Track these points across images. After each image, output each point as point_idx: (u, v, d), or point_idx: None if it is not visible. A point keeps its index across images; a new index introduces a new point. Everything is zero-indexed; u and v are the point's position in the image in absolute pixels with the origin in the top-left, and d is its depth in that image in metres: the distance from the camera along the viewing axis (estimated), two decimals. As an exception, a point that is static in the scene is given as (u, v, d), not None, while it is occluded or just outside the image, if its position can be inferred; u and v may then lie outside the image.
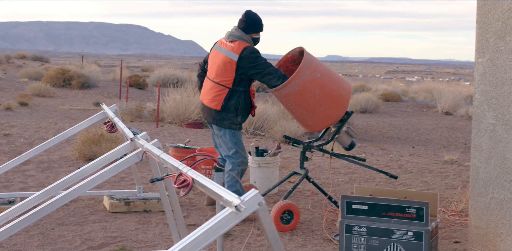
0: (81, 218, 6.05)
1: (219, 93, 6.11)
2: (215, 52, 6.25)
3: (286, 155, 10.40)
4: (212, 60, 6.28)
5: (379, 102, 22.18)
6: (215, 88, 6.15)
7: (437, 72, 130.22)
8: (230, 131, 6.18)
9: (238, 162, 6.17)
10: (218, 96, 6.12)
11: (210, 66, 6.30)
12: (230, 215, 2.32)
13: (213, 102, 6.15)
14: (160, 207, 6.37)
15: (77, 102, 19.99)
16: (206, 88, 6.29)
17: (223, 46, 6.18)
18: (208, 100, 6.19)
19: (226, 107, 6.10)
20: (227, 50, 6.11)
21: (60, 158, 9.18)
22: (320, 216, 6.35)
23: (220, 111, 6.12)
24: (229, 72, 6.06)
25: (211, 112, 6.18)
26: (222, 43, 6.24)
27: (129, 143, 4.26)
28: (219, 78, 6.11)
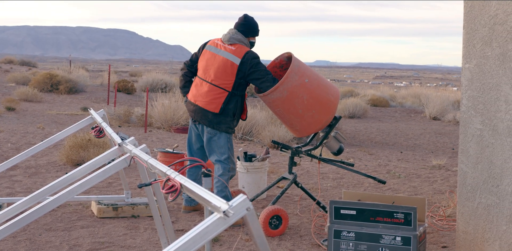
0: (68, 223, 6.02)
1: (218, 96, 6.08)
2: (211, 54, 6.18)
3: (275, 160, 10.41)
4: (207, 62, 6.19)
5: (367, 107, 22.25)
6: (213, 91, 6.09)
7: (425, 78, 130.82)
8: (226, 135, 6.17)
9: (229, 168, 6.16)
10: (217, 99, 6.08)
11: (205, 67, 6.20)
12: (218, 220, 2.31)
13: (211, 105, 6.09)
14: (148, 212, 6.35)
15: (64, 107, 19.91)
16: (201, 90, 6.18)
17: (221, 48, 6.13)
18: (205, 102, 6.12)
19: (225, 111, 6.09)
20: (227, 53, 6.07)
21: (47, 163, 9.14)
22: (308, 221, 6.35)
23: (218, 115, 6.08)
24: (230, 76, 6.04)
25: (207, 114, 6.11)
26: (218, 45, 6.18)
27: (117, 148, 4.25)
28: (218, 81, 6.07)
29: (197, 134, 6.39)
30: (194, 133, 6.42)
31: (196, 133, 6.40)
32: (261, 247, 2.37)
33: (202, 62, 6.24)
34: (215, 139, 6.17)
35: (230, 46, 6.11)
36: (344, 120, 19.51)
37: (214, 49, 6.19)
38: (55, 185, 4.21)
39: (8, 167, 6.28)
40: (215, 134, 6.16)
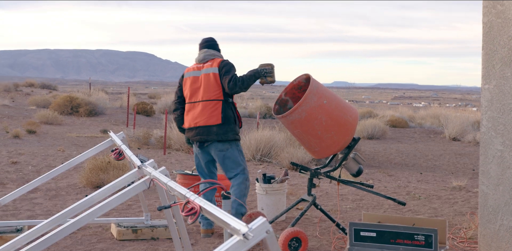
0: (88, 246, 6.03)
1: (215, 107, 6.26)
2: (193, 78, 6.46)
3: (294, 181, 10.39)
4: (191, 86, 6.45)
5: (386, 128, 22.18)
6: (208, 106, 6.28)
7: (444, 98, 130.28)
8: (236, 145, 6.32)
9: (246, 177, 6.33)
10: (215, 111, 6.25)
11: (191, 92, 6.44)
12: (238, 243, 2.31)
13: (212, 119, 6.25)
14: (168, 234, 6.35)
15: (84, 129, 20.06)
16: (196, 111, 6.37)
17: (199, 69, 6.43)
18: (205, 119, 6.27)
19: (226, 119, 6.27)
20: (206, 69, 6.37)
21: (67, 185, 9.19)
22: (328, 243, 6.31)
23: (222, 125, 6.23)
24: (216, 86, 6.27)
25: (211, 129, 6.25)
26: (195, 68, 6.50)
27: (136, 170, 4.27)
28: (208, 95, 6.30)
29: (204, 158, 6.51)
30: (202, 158, 6.53)
31: (203, 158, 6.51)
32: (281, 270, 2.36)
33: (187, 89, 6.50)
34: (228, 155, 6.28)
35: (207, 63, 6.41)
36: (363, 141, 19.45)
37: (193, 73, 6.49)
38: (75, 207, 4.23)
39: (29, 190, 6.34)
40: (227, 148, 6.27)
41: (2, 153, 12.60)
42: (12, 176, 9.77)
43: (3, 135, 16.78)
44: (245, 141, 13.93)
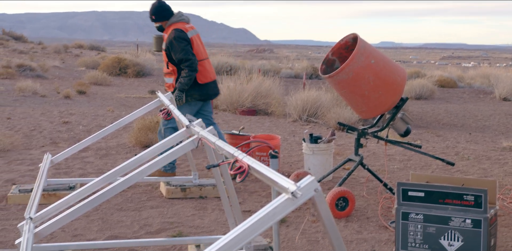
0: (138, 203, 6.16)
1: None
2: (198, 36, 7.26)
3: (340, 142, 10.36)
4: (201, 44, 7.26)
5: (434, 88, 21.83)
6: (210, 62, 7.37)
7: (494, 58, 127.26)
8: None
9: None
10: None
11: (203, 49, 7.28)
12: (286, 201, 2.33)
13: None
14: (216, 193, 6.43)
15: (132, 90, 20.27)
16: (211, 66, 7.35)
17: (193, 29, 7.20)
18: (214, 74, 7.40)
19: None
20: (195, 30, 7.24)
21: (117, 145, 9.35)
22: (375, 203, 6.32)
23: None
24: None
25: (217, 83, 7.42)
26: (191, 27, 7.18)
27: (184, 130, 4.31)
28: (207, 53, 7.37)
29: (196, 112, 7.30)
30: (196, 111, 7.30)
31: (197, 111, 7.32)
32: (329, 228, 2.37)
33: (200, 46, 7.21)
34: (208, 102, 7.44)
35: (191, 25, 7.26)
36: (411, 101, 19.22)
37: (194, 31, 7.18)
38: (125, 166, 4.31)
39: (80, 149, 6.48)
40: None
41: (53, 113, 12.86)
42: (64, 136, 9.98)
43: (54, 95, 17.09)
44: (291, 102, 13.91)
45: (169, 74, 7.19)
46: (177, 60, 6.98)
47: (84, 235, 5.17)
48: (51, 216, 4.05)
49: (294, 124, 13.03)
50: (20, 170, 7.49)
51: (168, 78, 7.22)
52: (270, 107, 14.67)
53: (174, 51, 6.96)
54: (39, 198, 4.50)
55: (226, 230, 5.22)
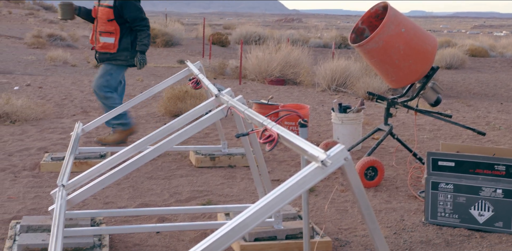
0: (168, 172, 6.22)
1: None
2: None
3: (370, 111, 10.31)
4: None
5: (465, 57, 21.52)
6: None
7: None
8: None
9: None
10: None
11: None
12: (316, 170, 2.33)
13: None
14: (245, 162, 6.46)
15: (161, 60, 20.31)
16: None
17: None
18: None
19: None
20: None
21: (147, 114, 9.41)
22: (404, 172, 6.30)
23: None
24: None
25: None
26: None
27: (214, 99, 4.32)
28: None
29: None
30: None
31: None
32: (359, 196, 2.37)
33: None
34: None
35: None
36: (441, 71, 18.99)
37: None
38: (155, 135, 4.35)
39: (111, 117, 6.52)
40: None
41: (84, 82, 12.96)
42: (94, 105, 10.06)
43: (85, 64, 17.20)
44: (320, 71, 13.83)
45: (109, 34, 6.97)
46: (131, 18, 6.88)
47: (115, 203, 5.25)
48: (82, 183, 4.11)
49: (323, 94, 12.98)
50: (52, 138, 7.59)
51: (108, 38, 6.96)
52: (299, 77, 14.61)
53: (128, 9, 6.85)
54: (71, 166, 4.56)
55: (255, 199, 5.26)
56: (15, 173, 6.08)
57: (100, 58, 7.10)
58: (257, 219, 2.29)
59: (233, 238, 2.26)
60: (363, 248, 4.33)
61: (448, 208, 4.75)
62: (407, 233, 4.62)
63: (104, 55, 7.04)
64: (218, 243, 2.23)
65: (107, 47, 6.97)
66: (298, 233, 4.26)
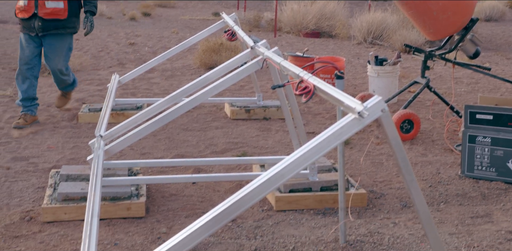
0: (204, 124, 6.26)
1: None
2: None
3: (406, 64, 10.17)
4: None
5: (505, 9, 20.95)
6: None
7: None
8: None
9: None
10: None
11: None
12: (352, 121, 2.32)
13: None
14: (280, 114, 6.46)
15: (196, 12, 20.19)
16: None
17: None
18: None
19: None
20: None
21: (182, 66, 9.43)
22: (441, 126, 6.25)
23: None
24: None
25: None
26: None
27: (249, 50, 4.29)
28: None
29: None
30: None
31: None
32: (396, 148, 2.36)
33: None
34: None
35: None
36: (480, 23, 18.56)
37: None
38: (190, 87, 4.36)
39: (146, 70, 6.56)
40: None
41: (120, 34, 12.99)
42: (130, 57, 10.10)
43: (120, 17, 17.19)
44: (356, 24, 13.63)
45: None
46: None
47: (151, 154, 5.32)
48: (119, 134, 4.16)
49: (359, 46, 12.82)
50: (89, 89, 7.67)
51: (56, 2, 5.90)
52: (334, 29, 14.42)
53: None
54: (108, 117, 4.61)
55: (290, 151, 5.28)
56: (54, 124, 6.18)
57: (45, 27, 5.89)
58: (293, 170, 2.30)
59: (268, 189, 2.28)
60: (398, 200, 4.34)
61: (485, 162, 4.72)
62: (443, 186, 4.61)
63: (50, 23, 5.91)
64: (253, 194, 2.25)
65: (56, 13, 5.90)
66: (333, 185, 4.29)
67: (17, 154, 5.29)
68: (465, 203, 4.30)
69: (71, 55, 6.41)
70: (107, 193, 4.04)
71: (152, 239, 3.70)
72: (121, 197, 4.07)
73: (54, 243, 3.65)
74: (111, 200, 4.03)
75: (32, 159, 5.16)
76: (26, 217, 4.00)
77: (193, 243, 2.20)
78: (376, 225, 3.88)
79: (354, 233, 3.75)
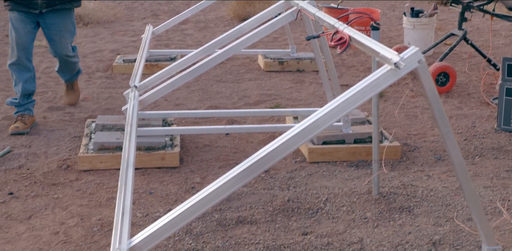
0: (237, 75, 6.25)
1: None
2: None
3: (443, 16, 9.96)
4: None
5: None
6: None
7: None
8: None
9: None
10: None
11: None
12: (388, 72, 2.29)
13: None
14: (313, 67, 6.41)
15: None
16: None
17: None
18: None
19: None
20: None
21: (215, 18, 9.36)
22: (477, 79, 6.15)
23: None
24: None
25: None
26: None
27: (283, 2, 4.24)
28: None
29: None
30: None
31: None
32: (432, 100, 2.34)
33: None
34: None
35: None
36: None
37: None
38: (224, 38, 4.33)
39: (180, 21, 6.52)
40: None
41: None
42: (164, 8, 10.06)
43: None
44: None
45: None
46: None
47: (185, 105, 5.35)
48: (154, 85, 4.18)
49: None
50: (123, 40, 7.68)
51: None
52: (370, -20, 14.14)
53: None
54: (142, 68, 4.62)
55: (324, 103, 5.25)
56: (89, 74, 6.23)
57: (50, 1, 4.78)
58: (326, 122, 2.29)
59: (301, 140, 2.28)
60: (432, 153, 4.32)
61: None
62: (478, 140, 4.57)
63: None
64: (287, 145, 2.26)
65: None
66: (367, 138, 4.28)
67: (53, 103, 5.37)
68: (501, 156, 4.27)
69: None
70: (142, 143, 4.09)
71: (186, 188, 3.75)
72: (156, 147, 4.12)
73: (91, 191, 3.73)
74: (145, 150, 4.09)
75: (68, 109, 5.23)
76: (63, 165, 4.08)
77: (226, 193, 2.23)
78: (409, 178, 3.88)
79: (387, 185, 3.75)
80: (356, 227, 3.26)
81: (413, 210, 3.44)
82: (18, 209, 3.51)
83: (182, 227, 2.29)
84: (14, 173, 3.98)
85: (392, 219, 3.35)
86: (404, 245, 3.06)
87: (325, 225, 3.28)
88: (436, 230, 3.20)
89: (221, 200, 2.22)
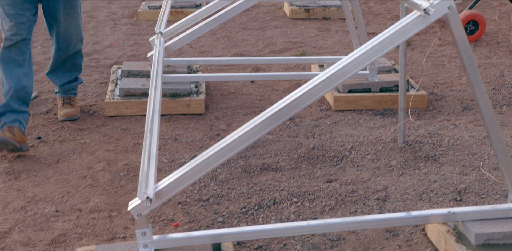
0: (262, 23, 6.19)
1: None
2: None
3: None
4: None
5: None
6: None
7: None
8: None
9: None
10: None
11: None
12: (417, 19, 2.25)
13: None
14: (339, 14, 6.32)
15: None
16: None
17: None
18: None
19: None
20: None
21: (241, -37, 9.22)
22: (507, 27, 6.02)
23: None
24: None
25: None
26: None
27: None
28: None
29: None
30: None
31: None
32: (461, 47, 2.30)
33: None
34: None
35: None
36: None
37: None
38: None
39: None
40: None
41: None
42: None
43: None
44: None
45: None
46: None
47: (210, 52, 5.32)
48: (179, 31, 4.15)
49: None
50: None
51: None
52: None
53: None
54: (168, 14, 4.58)
55: (349, 52, 5.20)
56: (115, 20, 6.21)
57: None
58: (352, 70, 2.27)
59: (327, 88, 2.27)
60: (459, 102, 4.28)
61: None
62: (507, 89, 4.51)
63: None
64: (312, 93, 2.24)
65: None
66: (393, 86, 4.24)
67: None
68: (528, 106, 4.22)
69: None
70: (168, 90, 4.10)
71: (211, 135, 3.77)
72: (181, 94, 4.13)
73: (117, 136, 3.77)
74: (171, 97, 4.10)
75: (94, 55, 5.24)
76: (89, 110, 4.11)
77: (251, 140, 2.24)
78: (435, 127, 3.86)
79: (413, 134, 3.74)
80: (381, 175, 3.27)
81: (438, 159, 3.43)
82: (46, 153, 3.57)
83: (207, 173, 2.31)
84: (41, 118, 4.03)
85: (417, 168, 3.35)
86: (429, 193, 3.06)
87: (349, 173, 3.30)
88: (462, 179, 3.19)
89: (246, 146, 2.23)
